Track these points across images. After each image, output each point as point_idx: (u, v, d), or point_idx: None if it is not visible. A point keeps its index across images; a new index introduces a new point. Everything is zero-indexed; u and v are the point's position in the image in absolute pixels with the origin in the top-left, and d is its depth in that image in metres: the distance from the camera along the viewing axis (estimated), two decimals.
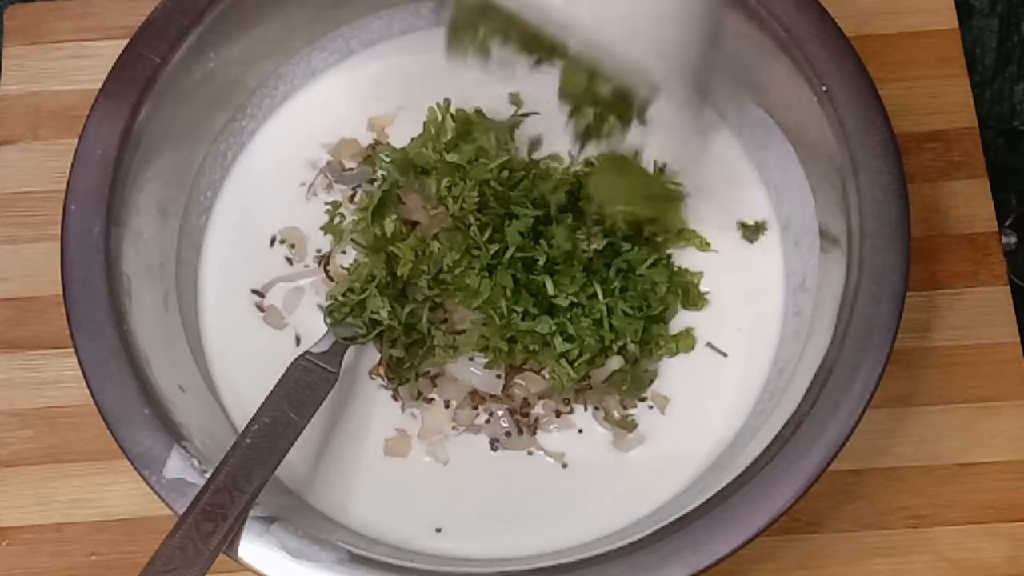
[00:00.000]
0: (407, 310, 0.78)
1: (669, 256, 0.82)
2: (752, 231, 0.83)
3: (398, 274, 0.78)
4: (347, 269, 0.81)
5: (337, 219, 0.83)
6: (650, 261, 0.80)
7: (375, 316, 0.78)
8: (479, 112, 0.84)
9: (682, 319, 0.81)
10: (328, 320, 0.79)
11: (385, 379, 0.80)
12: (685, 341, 0.80)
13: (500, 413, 0.79)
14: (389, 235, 0.80)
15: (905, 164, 0.74)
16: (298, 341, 0.81)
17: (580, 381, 0.78)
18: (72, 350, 0.73)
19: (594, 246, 0.78)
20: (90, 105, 0.78)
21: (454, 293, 0.78)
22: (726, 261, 0.82)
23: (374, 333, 0.79)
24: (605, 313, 0.77)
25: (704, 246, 0.83)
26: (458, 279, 0.77)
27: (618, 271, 0.79)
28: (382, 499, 0.77)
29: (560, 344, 0.77)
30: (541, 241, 0.78)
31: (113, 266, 0.75)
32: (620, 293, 0.79)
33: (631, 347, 0.78)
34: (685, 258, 0.82)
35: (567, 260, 0.78)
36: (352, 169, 0.86)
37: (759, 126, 0.82)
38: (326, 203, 0.84)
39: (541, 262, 0.78)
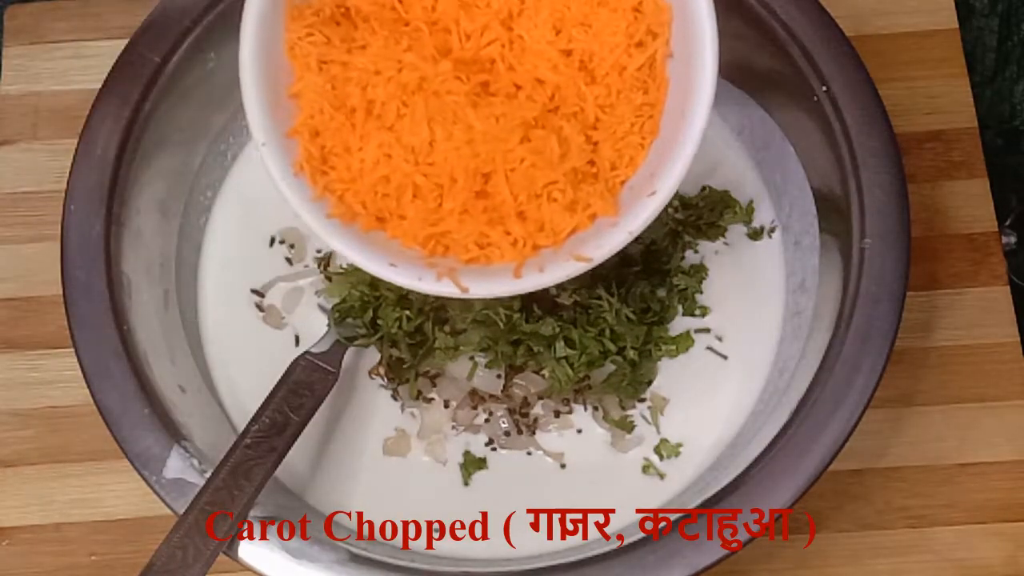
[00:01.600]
0: (417, 322, 0.78)
1: (670, 270, 0.82)
2: (752, 231, 0.83)
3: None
4: (345, 269, 0.81)
5: None
6: (654, 279, 0.80)
7: (381, 322, 0.78)
8: None
9: (682, 320, 0.81)
10: (331, 320, 0.79)
11: (385, 379, 0.80)
12: (685, 342, 0.80)
13: (499, 413, 0.79)
14: None
15: (905, 164, 0.75)
16: (298, 341, 0.81)
17: (579, 381, 0.78)
18: (72, 350, 0.73)
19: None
20: (90, 105, 0.78)
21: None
22: (726, 261, 0.82)
23: (376, 336, 0.79)
24: (609, 321, 0.77)
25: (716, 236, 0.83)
26: None
27: (621, 280, 0.79)
28: (381, 499, 0.77)
29: (561, 349, 0.77)
30: None
31: (113, 266, 0.75)
32: (623, 297, 0.78)
33: (631, 353, 0.78)
34: (685, 258, 0.82)
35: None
36: None
37: (759, 126, 0.82)
38: None
39: None
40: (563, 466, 0.78)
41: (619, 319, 0.78)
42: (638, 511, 0.76)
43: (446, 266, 0.64)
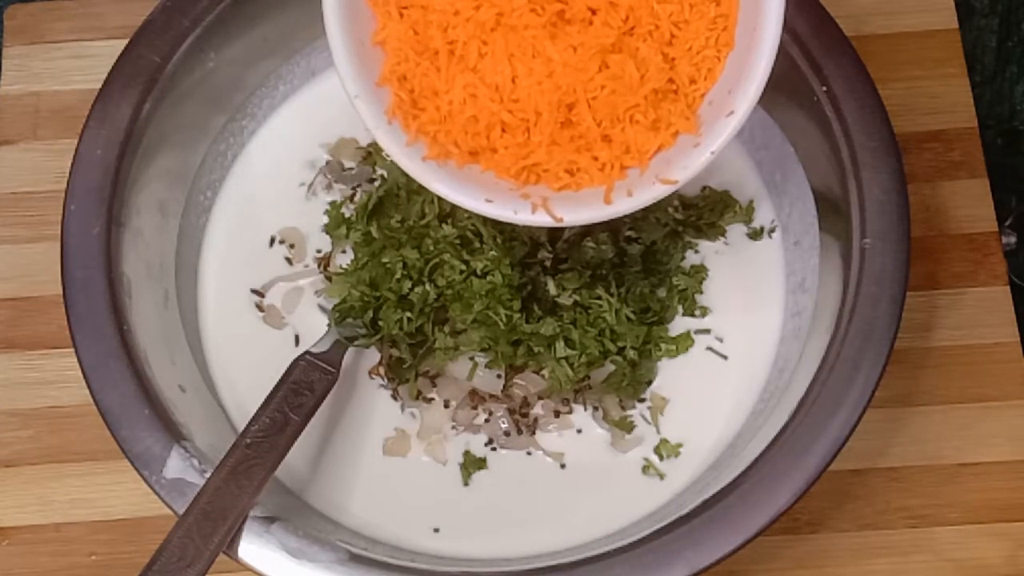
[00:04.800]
0: (418, 323, 0.78)
1: (670, 270, 0.82)
2: (752, 231, 0.83)
3: (398, 277, 0.78)
4: (345, 269, 0.81)
5: (337, 219, 0.83)
6: (654, 279, 0.80)
7: (381, 323, 0.78)
8: None
9: (682, 320, 0.81)
10: (331, 320, 0.79)
11: (385, 379, 0.80)
12: (685, 342, 0.80)
13: (499, 413, 0.79)
14: (389, 236, 0.80)
15: (905, 164, 0.75)
16: (297, 341, 0.81)
17: (579, 381, 0.78)
18: (72, 350, 0.73)
19: (605, 254, 0.79)
20: (90, 105, 0.78)
21: (458, 298, 0.78)
22: (726, 261, 0.82)
23: (376, 337, 0.79)
24: (609, 321, 0.77)
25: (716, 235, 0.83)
26: (462, 287, 0.77)
27: (621, 280, 0.79)
28: (381, 499, 0.77)
29: (561, 349, 0.77)
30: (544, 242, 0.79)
31: (113, 266, 0.75)
32: (623, 297, 0.78)
33: (631, 353, 0.78)
34: (685, 259, 0.82)
35: (572, 262, 0.79)
36: (352, 169, 0.86)
37: (759, 126, 0.82)
38: (326, 203, 0.85)
39: (547, 263, 0.78)
40: (563, 466, 0.78)
41: (619, 319, 0.78)
42: (638, 511, 0.76)
43: (538, 195, 0.66)
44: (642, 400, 0.79)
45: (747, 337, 0.80)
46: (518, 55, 0.65)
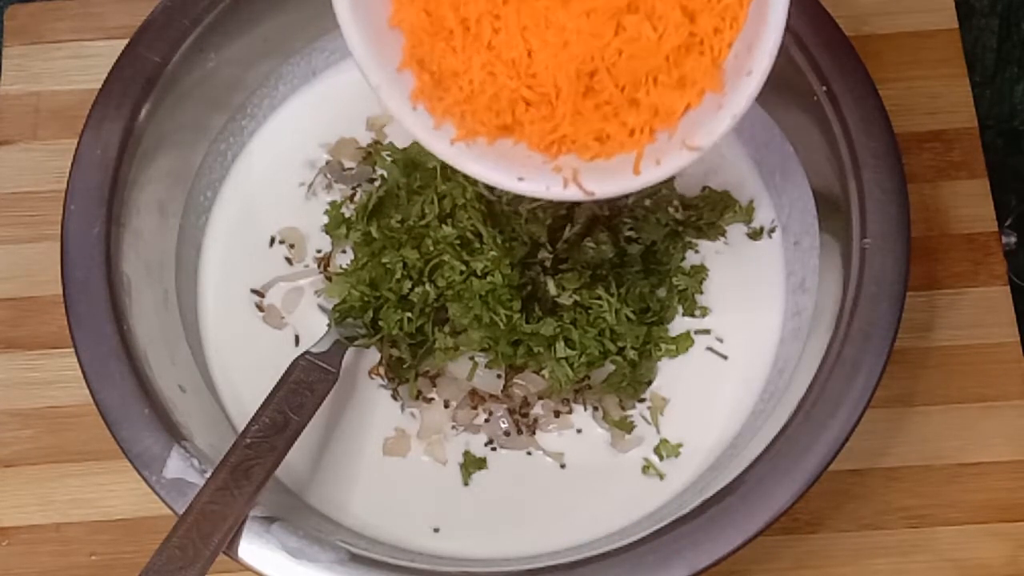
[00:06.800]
0: (418, 323, 0.78)
1: (670, 270, 0.82)
2: (752, 231, 0.83)
3: (398, 278, 0.78)
4: (345, 269, 0.81)
5: (337, 219, 0.83)
6: (654, 279, 0.80)
7: (382, 323, 0.78)
8: None
9: (682, 320, 0.81)
10: (331, 320, 0.79)
11: (385, 379, 0.80)
12: (685, 342, 0.80)
13: (499, 413, 0.79)
14: (389, 236, 0.80)
15: (905, 164, 0.75)
16: (297, 341, 0.82)
17: (579, 381, 0.78)
18: (72, 350, 0.73)
19: (605, 254, 0.79)
20: (90, 105, 0.78)
21: (458, 298, 0.78)
22: (726, 261, 0.82)
23: (376, 337, 0.79)
24: (609, 321, 0.77)
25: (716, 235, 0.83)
26: (462, 287, 0.77)
27: (621, 280, 0.79)
28: (381, 499, 0.77)
29: (561, 349, 0.77)
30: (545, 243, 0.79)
31: (113, 266, 0.75)
32: (623, 297, 0.78)
33: (631, 353, 0.78)
34: (686, 259, 0.82)
35: (572, 262, 0.79)
36: (352, 169, 0.86)
37: (759, 126, 0.82)
38: (326, 203, 0.85)
39: (547, 263, 0.78)
40: (563, 466, 0.78)
41: (619, 319, 0.78)
42: (638, 511, 0.76)
43: (570, 167, 0.65)
44: (642, 400, 0.79)
45: (747, 337, 0.80)
46: (531, 27, 0.63)
